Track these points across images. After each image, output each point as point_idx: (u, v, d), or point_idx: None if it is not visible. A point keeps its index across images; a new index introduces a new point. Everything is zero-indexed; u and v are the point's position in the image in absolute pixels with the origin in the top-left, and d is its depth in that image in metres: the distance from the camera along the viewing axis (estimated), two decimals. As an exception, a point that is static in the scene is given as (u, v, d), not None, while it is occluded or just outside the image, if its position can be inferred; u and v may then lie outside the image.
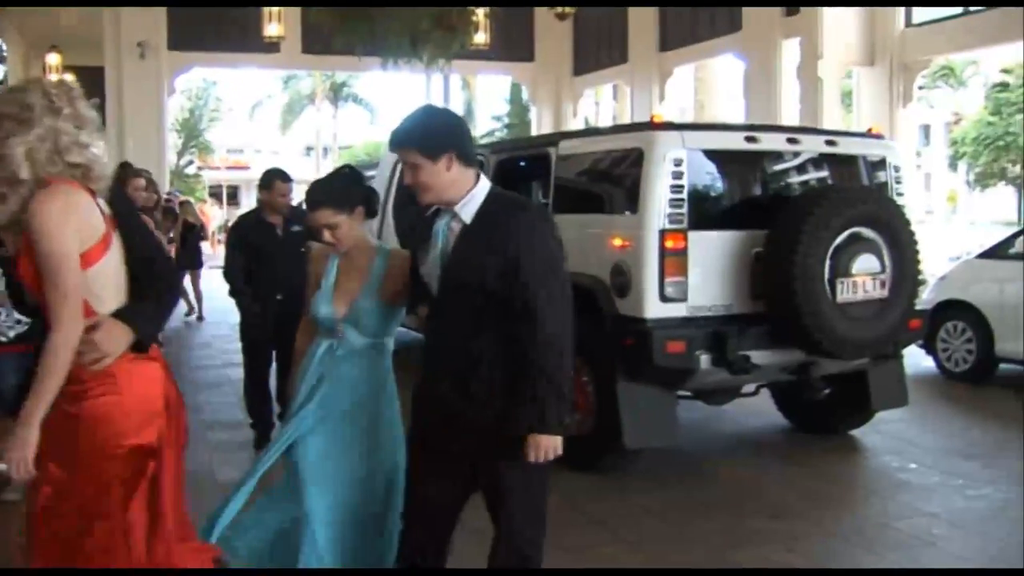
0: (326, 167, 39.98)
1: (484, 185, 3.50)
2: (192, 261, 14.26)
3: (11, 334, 6.21)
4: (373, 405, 3.86)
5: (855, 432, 7.79)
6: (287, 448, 3.84)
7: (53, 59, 21.92)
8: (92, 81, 21.16)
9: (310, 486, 3.76)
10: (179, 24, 19.79)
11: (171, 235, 12.27)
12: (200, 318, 14.88)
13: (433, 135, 3.45)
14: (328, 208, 3.76)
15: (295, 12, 17.33)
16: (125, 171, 8.35)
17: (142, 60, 19.31)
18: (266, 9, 16.35)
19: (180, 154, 42.68)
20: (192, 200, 20.73)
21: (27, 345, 6.20)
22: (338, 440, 3.82)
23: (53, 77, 21.73)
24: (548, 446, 3.38)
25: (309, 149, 56.49)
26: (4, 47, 25.38)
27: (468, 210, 3.46)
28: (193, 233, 14.53)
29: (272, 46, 17.28)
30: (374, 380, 3.87)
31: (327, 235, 3.78)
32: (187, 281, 14.51)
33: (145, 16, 19.21)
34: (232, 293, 7.36)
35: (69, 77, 22.08)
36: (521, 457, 3.39)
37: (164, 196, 15.13)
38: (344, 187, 3.87)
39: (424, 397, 3.60)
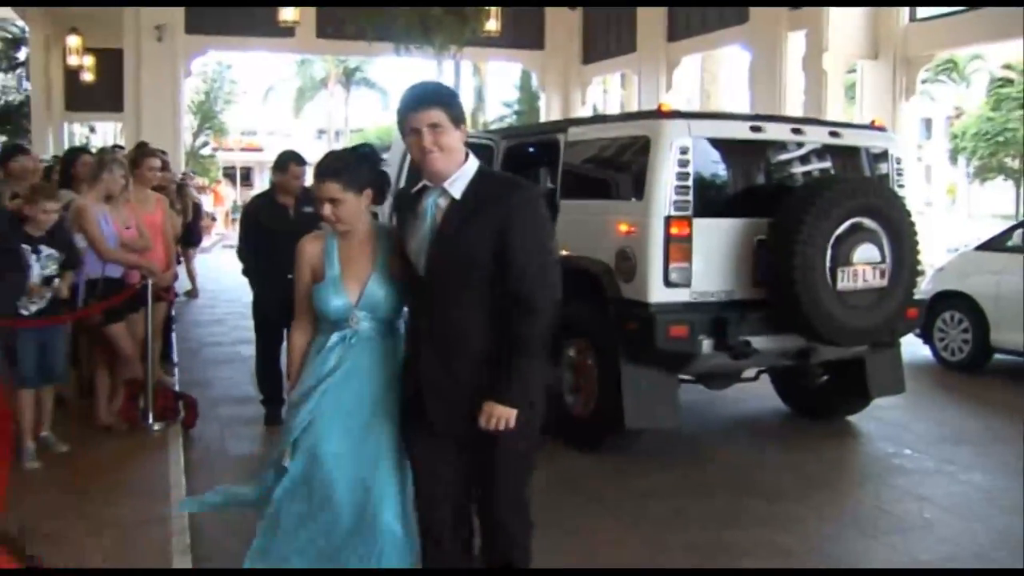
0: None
1: (473, 163, 3.46)
2: (188, 239, 14.13)
3: (33, 308, 6.26)
4: (382, 394, 3.61)
5: (852, 418, 7.81)
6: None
7: (73, 41, 21.94)
8: (111, 63, 21.29)
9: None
10: (196, 8, 19.76)
11: (178, 209, 12.21)
12: (195, 295, 14.70)
13: (458, 103, 3.45)
14: (336, 182, 3.55)
15: (310, -4, 17.33)
16: (141, 151, 8.37)
17: (159, 43, 19.30)
18: (282, -7, 16.34)
19: (195, 135, 42.64)
20: (197, 182, 20.67)
21: (47, 319, 6.29)
22: (354, 437, 3.57)
23: (73, 59, 21.84)
24: (501, 416, 3.31)
25: (321, 132, 56.44)
26: (27, 30, 25.37)
27: (458, 186, 3.40)
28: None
29: (286, 30, 17.28)
30: (388, 367, 3.63)
31: (328, 210, 3.56)
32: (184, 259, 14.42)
33: (163, -1, 19.19)
34: (245, 272, 7.39)
35: (88, 59, 22.17)
36: (502, 435, 3.34)
37: (179, 176, 15.16)
38: (358, 165, 3.65)
39: (410, 375, 3.53)
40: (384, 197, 3.78)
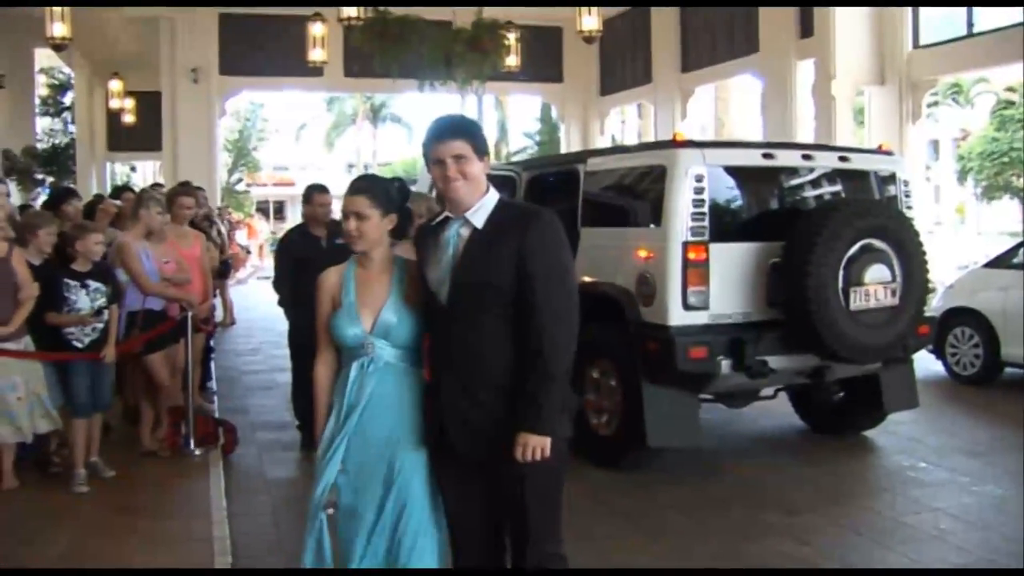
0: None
1: (494, 194, 3.44)
2: (221, 272, 14.18)
3: (86, 340, 6.37)
4: (412, 424, 3.49)
5: (868, 433, 7.78)
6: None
7: (115, 85, 22.24)
8: (150, 104, 21.54)
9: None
10: (229, 51, 19.97)
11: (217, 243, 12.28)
12: (233, 323, 14.70)
13: (482, 136, 3.45)
14: (367, 197, 3.51)
15: (337, 37, 17.40)
16: (175, 190, 8.47)
17: (195, 84, 19.48)
18: (310, 35, 16.47)
19: (230, 172, 42.93)
20: (232, 217, 20.73)
21: (94, 354, 6.38)
22: (375, 475, 3.46)
23: (115, 102, 22.12)
24: (536, 446, 3.25)
25: (351, 166, 56.77)
26: (72, 75, 25.73)
27: (480, 216, 3.37)
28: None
29: (316, 70, 17.40)
30: (410, 396, 3.52)
31: (352, 224, 3.49)
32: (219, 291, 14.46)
33: (198, 43, 19.42)
34: (280, 303, 7.45)
35: (129, 101, 22.46)
36: (527, 463, 3.26)
37: (216, 209, 15.25)
38: (388, 188, 3.60)
39: (433, 405, 3.44)
40: (405, 234, 3.70)
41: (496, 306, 3.32)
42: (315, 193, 7.36)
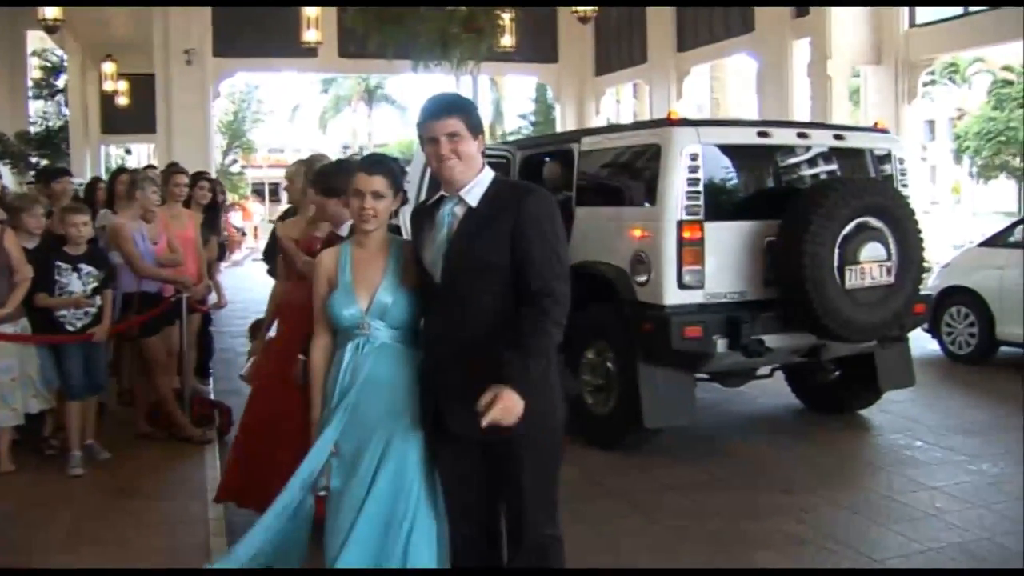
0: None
1: (489, 172, 3.41)
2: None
3: (78, 324, 6.35)
4: (407, 404, 3.45)
5: (864, 411, 7.78)
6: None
7: (108, 67, 22.18)
8: (144, 87, 21.47)
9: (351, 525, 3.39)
10: (223, 32, 19.91)
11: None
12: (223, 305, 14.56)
13: (476, 114, 3.42)
14: (385, 177, 3.49)
15: (332, 18, 17.40)
16: (169, 170, 8.46)
17: (189, 66, 19.43)
18: (304, 16, 16.41)
19: (225, 154, 42.88)
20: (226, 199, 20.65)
21: (87, 336, 6.36)
22: (370, 457, 3.41)
23: (108, 84, 22.04)
24: (507, 405, 3.06)
25: (346, 147, 56.68)
26: (65, 58, 25.62)
27: (474, 194, 3.34)
28: None
29: (310, 51, 17.35)
30: (406, 377, 3.47)
31: (368, 202, 3.44)
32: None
33: (192, 25, 19.36)
34: (270, 272, 7.43)
35: (123, 84, 22.37)
36: (524, 437, 3.19)
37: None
38: (399, 170, 3.64)
39: (429, 385, 3.40)
40: (395, 213, 3.73)
41: (491, 284, 3.28)
42: None
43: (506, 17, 16.95)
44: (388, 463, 3.40)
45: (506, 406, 3.07)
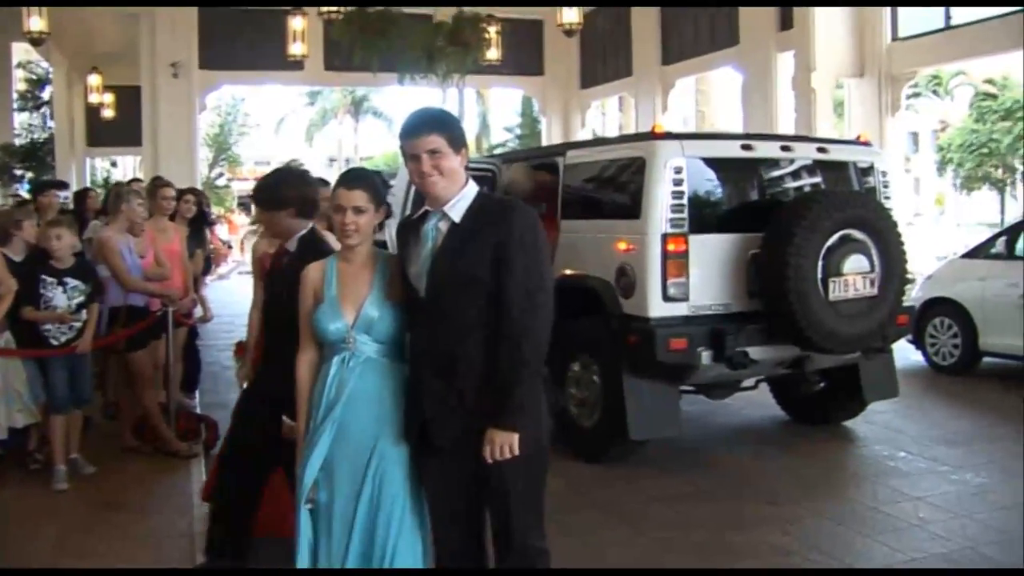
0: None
1: (473, 187, 3.41)
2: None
3: (63, 338, 6.34)
4: (392, 418, 3.45)
5: (848, 423, 7.82)
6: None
7: (94, 80, 22.10)
8: (130, 99, 21.41)
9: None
10: (209, 45, 19.87)
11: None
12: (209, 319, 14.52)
13: (458, 128, 3.40)
14: (365, 191, 3.48)
15: (318, 31, 17.37)
16: (155, 183, 8.44)
17: (175, 79, 19.38)
18: (290, 29, 16.40)
19: (211, 167, 42.76)
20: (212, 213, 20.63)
21: (72, 348, 6.35)
22: (356, 471, 3.42)
23: (94, 96, 21.99)
24: (503, 442, 3.22)
25: (332, 160, 56.63)
26: (51, 70, 25.56)
27: (458, 210, 3.34)
28: None
29: (296, 64, 17.33)
30: (391, 391, 3.47)
31: (350, 218, 3.43)
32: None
33: (178, 38, 19.31)
34: None
35: (108, 96, 22.33)
36: (512, 454, 3.23)
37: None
38: (380, 184, 3.61)
39: (415, 398, 3.40)
40: (382, 226, 3.71)
41: (476, 299, 3.27)
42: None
43: (492, 30, 16.98)
44: (373, 476, 3.41)
45: (502, 444, 3.22)
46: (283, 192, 4.32)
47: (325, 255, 3.82)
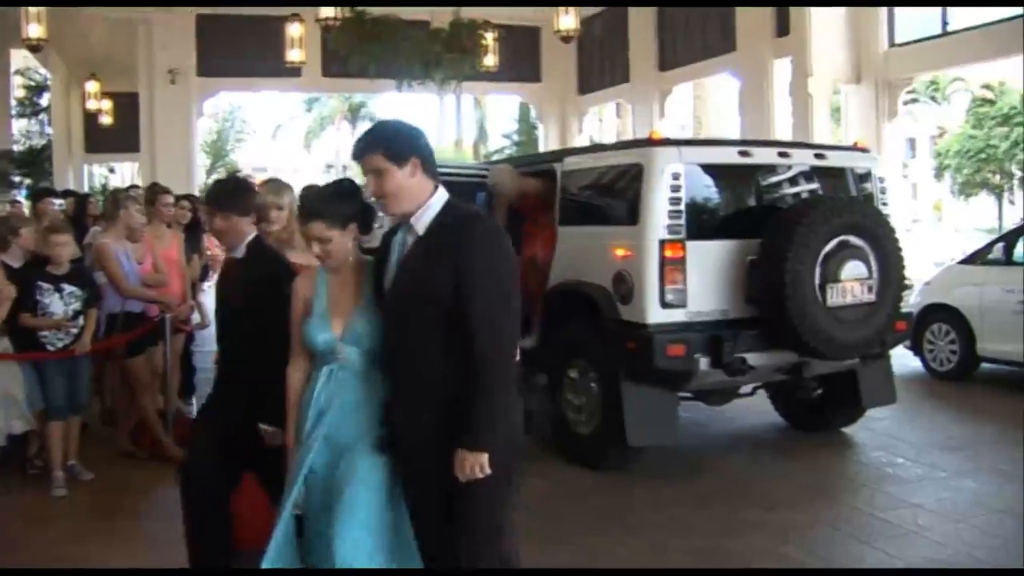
0: (346, 183, 40.07)
1: (440, 197, 3.32)
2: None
3: (59, 344, 6.34)
4: (374, 427, 3.44)
5: (846, 429, 7.81)
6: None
7: (91, 86, 22.13)
8: (127, 106, 21.41)
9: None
10: (207, 51, 19.87)
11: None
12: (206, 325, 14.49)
13: (400, 139, 3.30)
14: (320, 222, 3.45)
15: (315, 38, 17.36)
16: (154, 189, 8.46)
17: (173, 86, 19.38)
18: (288, 36, 16.43)
19: (208, 173, 42.82)
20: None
21: (69, 352, 6.35)
22: (349, 478, 3.39)
23: (92, 103, 22.01)
24: (473, 463, 3.15)
25: (330, 166, 56.68)
26: (49, 77, 25.60)
27: (423, 222, 3.28)
28: None
29: (294, 70, 17.37)
30: (377, 401, 3.45)
31: (316, 248, 3.48)
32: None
33: (175, 44, 19.32)
34: None
35: (106, 103, 22.35)
36: (484, 473, 3.17)
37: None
38: (339, 201, 3.52)
39: (386, 411, 3.42)
40: (370, 228, 3.62)
41: (435, 317, 3.21)
42: None
43: (489, 37, 17.01)
44: (352, 480, 3.38)
45: (472, 465, 3.16)
46: (248, 198, 4.32)
47: (274, 260, 3.93)
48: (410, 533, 3.43)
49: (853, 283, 6.58)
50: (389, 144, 3.28)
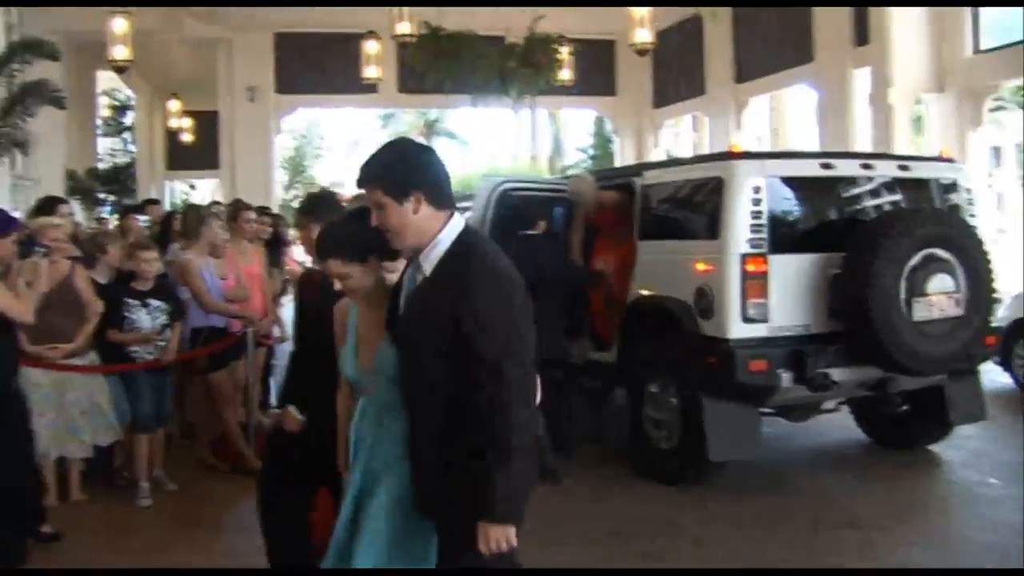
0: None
1: (453, 229, 2.99)
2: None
3: (147, 358, 6.49)
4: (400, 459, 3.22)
5: (934, 447, 7.62)
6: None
7: (173, 105, 22.71)
8: (208, 124, 21.89)
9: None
10: (285, 69, 20.23)
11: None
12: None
13: (398, 172, 2.98)
14: (336, 259, 3.28)
15: (391, 54, 17.57)
16: (236, 206, 8.59)
17: (252, 103, 19.77)
18: (364, 52, 16.62)
19: (287, 188, 43.48)
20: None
21: (154, 362, 6.49)
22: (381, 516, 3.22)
23: (173, 121, 22.53)
24: (498, 537, 2.84)
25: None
26: (132, 97, 26.29)
27: (430, 259, 2.97)
28: None
29: (370, 87, 17.57)
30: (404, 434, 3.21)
31: (337, 285, 3.33)
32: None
33: (254, 63, 19.72)
34: None
35: (187, 121, 22.86)
36: (511, 545, 2.89)
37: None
38: (355, 234, 3.27)
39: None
40: (396, 255, 3.29)
41: (434, 364, 2.95)
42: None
43: (564, 51, 17.06)
44: (367, 521, 3.27)
45: (498, 540, 2.86)
46: (340, 208, 4.32)
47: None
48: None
49: (940, 297, 6.45)
50: (385, 176, 2.97)
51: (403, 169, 2.99)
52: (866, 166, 7.03)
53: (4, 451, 5.19)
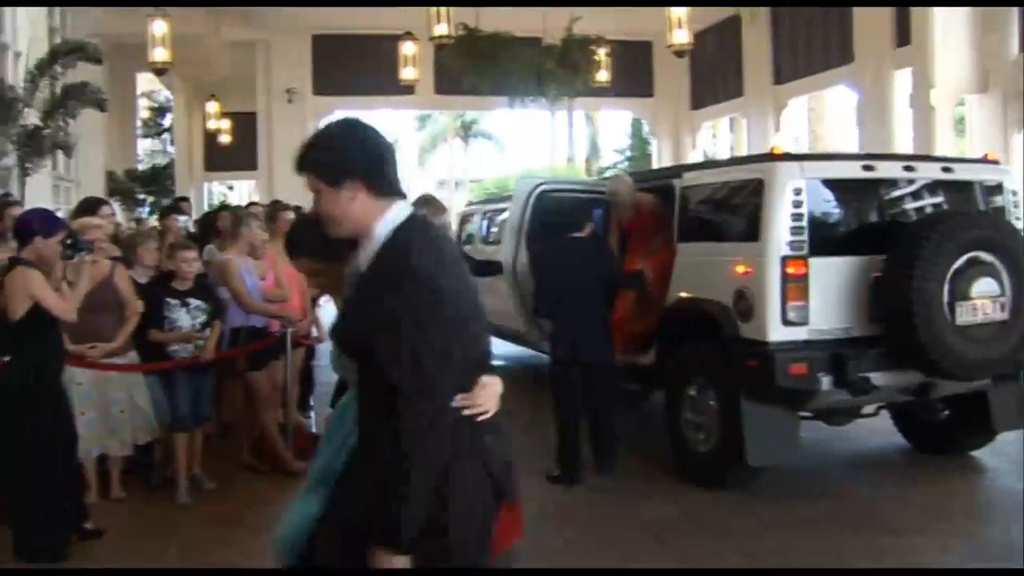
0: (458, 198, 40.54)
1: (389, 222, 2.67)
2: None
3: (183, 354, 6.55)
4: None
5: (976, 453, 7.51)
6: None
7: (212, 107, 22.92)
8: (246, 125, 22.09)
9: None
10: (323, 71, 20.41)
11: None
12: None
13: (334, 156, 2.70)
14: (306, 258, 3.14)
15: (428, 56, 17.65)
16: (275, 206, 8.66)
17: (289, 105, 19.95)
18: (401, 54, 16.71)
19: (324, 190, 43.79)
20: None
21: (192, 360, 6.55)
22: None
23: (212, 123, 22.74)
24: (377, 563, 2.54)
25: (442, 182, 57.37)
26: (171, 98, 26.59)
27: (367, 254, 2.68)
28: None
29: (407, 88, 17.66)
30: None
31: (311, 283, 3.16)
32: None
33: (292, 65, 19.92)
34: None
35: (225, 122, 23.05)
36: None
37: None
38: (318, 238, 2.96)
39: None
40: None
41: (368, 380, 2.70)
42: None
43: (601, 52, 17.05)
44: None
45: (384, 565, 2.56)
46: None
47: None
48: None
49: (984, 300, 6.36)
50: (319, 161, 2.71)
51: (340, 153, 2.70)
52: (908, 168, 6.94)
53: (48, 448, 5.26)
